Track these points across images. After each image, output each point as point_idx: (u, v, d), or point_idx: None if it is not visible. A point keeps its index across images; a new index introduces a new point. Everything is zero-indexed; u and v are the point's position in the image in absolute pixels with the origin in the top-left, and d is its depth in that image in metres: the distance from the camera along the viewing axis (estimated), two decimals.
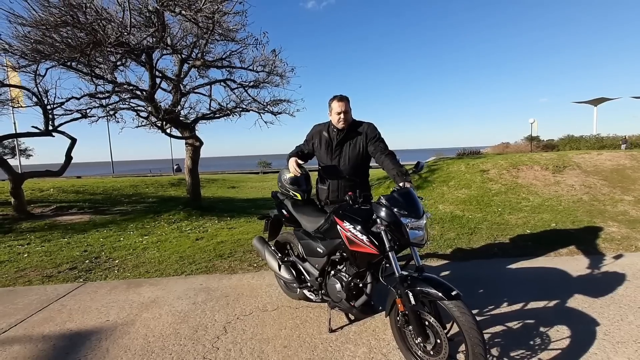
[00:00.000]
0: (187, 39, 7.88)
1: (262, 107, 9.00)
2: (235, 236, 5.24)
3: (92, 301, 3.11)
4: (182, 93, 8.23)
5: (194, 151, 8.46)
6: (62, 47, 5.11)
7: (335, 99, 2.61)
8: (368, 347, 2.26)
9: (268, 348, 2.29)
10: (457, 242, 4.37)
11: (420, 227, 1.93)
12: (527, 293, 2.93)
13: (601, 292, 2.87)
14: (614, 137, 20.30)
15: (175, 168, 35.59)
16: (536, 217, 5.17)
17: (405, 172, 2.28)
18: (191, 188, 8.61)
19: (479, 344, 1.65)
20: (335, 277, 2.32)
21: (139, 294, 3.25)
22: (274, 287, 3.27)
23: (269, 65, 8.47)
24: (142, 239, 5.36)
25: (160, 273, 3.82)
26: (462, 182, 7.00)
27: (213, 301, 3.03)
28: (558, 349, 2.15)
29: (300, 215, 2.67)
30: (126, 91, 7.16)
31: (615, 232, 4.38)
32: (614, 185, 6.15)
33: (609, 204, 5.45)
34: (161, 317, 2.77)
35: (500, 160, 7.84)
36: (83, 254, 4.61)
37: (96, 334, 2.53)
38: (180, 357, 2.22)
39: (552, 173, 6.86)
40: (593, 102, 30.66)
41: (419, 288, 1.82)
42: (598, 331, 2.32)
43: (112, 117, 8.17)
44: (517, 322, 2.49)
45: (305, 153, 2.83)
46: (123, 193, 10.96)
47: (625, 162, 7.02)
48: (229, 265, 3.95)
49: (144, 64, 7.08)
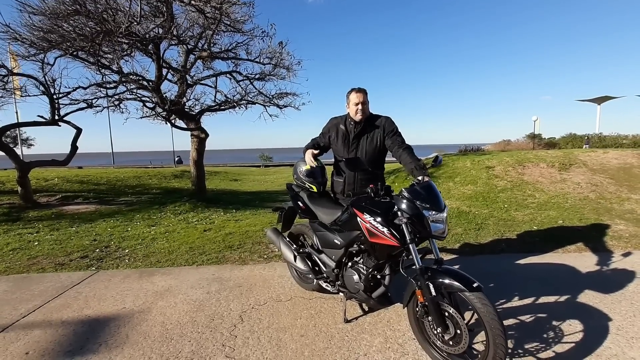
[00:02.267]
0: (194, 30, 7.85)
1: (267, 100, 8.98)
2: (243, 228, 5.27)
3: (107, 289, 3.15)
4: (188, 84, 8.20)
5: (199, 143, 8.46)
6: (73, 36, 5.08)
7: (354, 91, 2.62)
8: (384, 337, 2.29)
9: (285, 337, 2.32)
10: (465, 238, 4.40)
11: (441, 220, 1.95)
12: (537, 288, 2.96)
13: (611, 288, 2.91)
14: (617, 136, 20.29)
15: (177, 160, 35.57)
16: (543, 214, 5.19)
17: (424, 166, 2.29)
18: (196, 180, 8.63)
19: (501, 335, 1.68)
20: (352, 269, 2.35)
21: (153, 283, 3.28)
22: (285, 278, 3.30)
23: (276, 58, 8.44)
24: (149, 230, 5.39)
25: (172, 263, 3.85)
26: (467, 178, 7.02)
27: (227, 291, 3.06)
28: (572, 342, 2.19)
29: (316, 207, 2.69)
30: (133, 81, 7.14)
31: (623, 230, 4.41)
32: (620, 184, 6.17)
33: (615, 202, 5.48)
34: (177, 306, 2.80)
35: (505, 157, 7.85)
36: (93, 243, 4.64)
37: (114, 320, 2.57)
38: (199, 344, 2.26)
39: (558, 171, 6.88)
40: (597, 100, 30.55)
41: (440, 280, 1.85)
42: (611, 326, 2.35)
43: (117, 107, 8.16)
44: (529, 316, 2.53)
45: (321, 146, 2.84)
46: (127, 184, 10.98)
47: (633, 161, 7.04)
48: (239, 256, 3.98)
49: (151, 54, 7.05)
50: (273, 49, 8.21)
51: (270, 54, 8.32)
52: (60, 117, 7.18)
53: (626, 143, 18.35)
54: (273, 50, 8.25)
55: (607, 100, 30.51)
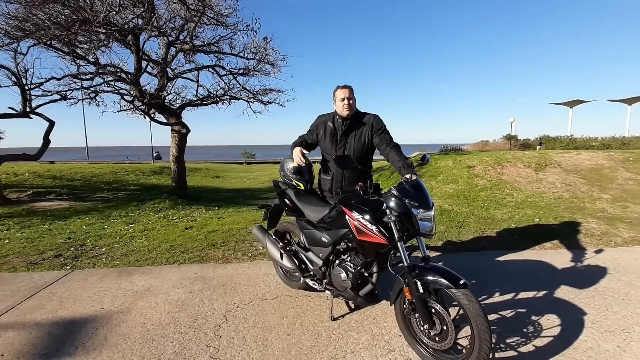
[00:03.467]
0: (175, 22, 7.61)
1: (251, 96, 8.85)
2: (226, 226, 5.18)
3: (83, 289, 3.01)
4: (169, 77, 7.96)
5: (180, 138, 8.24)
6: (48, 24, 4.82)
7: (339, 87, 2.60)
8: (370, 335, 2.30)
9: (271, 336, 2.29)
10: (447, 235, 4.49)
11: (429, 218, 1.96)
12: (516, 284, 3.05)
13: (586, 284, 3.03)
14: (587, 138, 21.29)
15: (155, 155, 34.63)
16: (520, 212, 5.37)
17: (411, 165, 2.30)
18: (176, 176, 8.41)
19: (486, 330, 1.71)
20: (340, 267, 2.34)
21: (132, 283, 3.17)
22: (271, 276, 3.26)
23: (260, 53, 8.31)
24: (127, 227, 5.21)
25: (152, 262, 3.73)
26: (449, 177, 7.17)
27: (210, 290, 2.99)
28: (550, 336, 2.27)
29: (303, 204, 2.66)
30: (110, 73, 6.86)
31: (594, 228, 4.62)
32: (592, 184, 6.47)
33: (588, 202, 5.74)
34: (158, 306, 2.72)
35: (485, 157, 8.07)
36: (67, 241, 4.43)
37: (91, 321, 2.46)
38: (182, 345, 2.19)
39: (534, 171, 7.14)
40: (569, 103, 31.94)
41: (427, 277, 1.87)
42: (586, 320, 2.45)
43: (93, 99, 7.82)
44: (509, 311, 2.60)
45: (309, 143, 2.81)
46: (103, 180, 10.59)
47: (603, 162, 7.39)
48: (222, 255, 3.90)
49: (130, 45, 6.79)
50: (257, 44, 8.09)
51: (255, 49, 8.19)
52: (32, 109, 6.82)
53: (595, 145, 19.28)
54: (257, 45, 8.13)
55: (579, 103, 31.95)
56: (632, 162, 7.46)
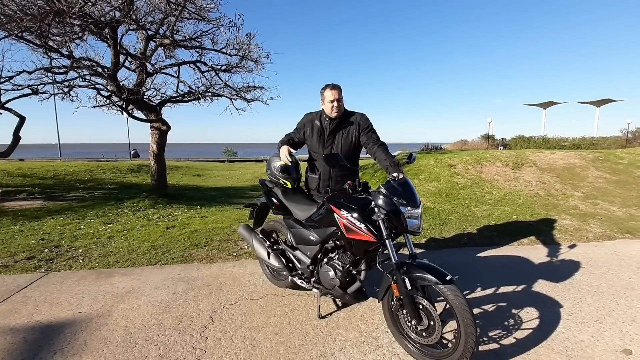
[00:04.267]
0: (155, 15, 7.38)
1: (234, 93, 8.71)
2: (210, 225, 5.09)
3: (59, 292, 2.89)
4: (148, 73, 7.72)
5: (160, 135, 8.01)
6: (19, 15, 4.55)
7: (328, 87, 2.59)
8: (358, 332, 2.32)
9: (259, 335, 2.27)
10: (431, 233, 4.58)
11: (417, 216, 2.00)
12: (497, 279, 3.15)
13: (561, 278, 3.17)
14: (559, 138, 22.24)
15: (133, 153, 33.57)
16: (499, 209, 5.55)
17: (398, 163, 2.33)
18: (156, 175, 8.18)
19: (471, 324, 1.76)
20: (328, 265, 2.34)
21: (112, 285, 3.06)
22: (257, 275, 3.23)
23: (243, 50, 8.18)
24: (105, 227, 5.03)
25: (132, 263, 3.62)
26: (432, 176, 7.32)
27: (195, 291, 2.94)
28: (530, 329, 2.36)
29: (291, 203, 2.65)
30: (86, 67, 6.57)
31: (568, 224, 4.83)
32: (565, 182, 6.76)
33: (561, 199, 5.99)
34: (140, 308, 2.64)
35: (466, 156, 8.28)
36: (40, 242, 4.23)
37: (69, 326, 2.36)
38: (167, 347, 2.14)
39: (511, 169, 7.39)
40: (543, 105, 33.23)
41: (415, 274, 1.90)
42: (562, 312, 2.56)
43: (66, 94, 7.48)
44: (491, 305, 2.69)
45: (295, 141, 2.80)
46: (77, 178, 10.18)
47: (575, 161, 7.73)
48: (206, 255, 3.83)
49: (107, 39, 6.54)
50: (241, 40, 7.96)
51: (238, 45, 8.06)
52: (1, 104, 6.46)
53: (567, 145, 20.17)
54: (241, 41, 7.99)
55: (552, 105, 33.30)
56: (601, 161, 7.85)
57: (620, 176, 7.08)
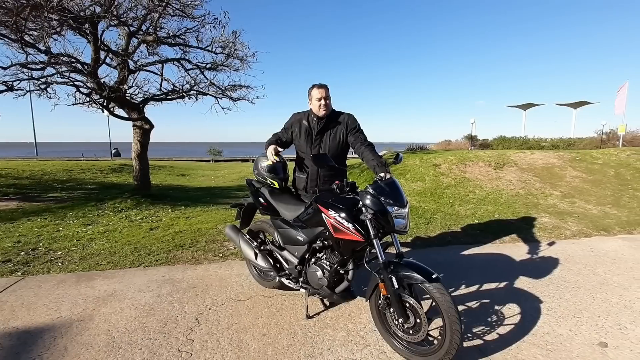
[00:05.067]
0: (137, 11, 7.19)
1: (220, 92, 8.59)
2: (195, 226, 5.00)
3: (37, 297, 2.78)
4: (130, 70, 7.53)
5: (143, 134, 7.82)
6: None
7: (315, 87, 2.60)
8: (346, 331, 2.34)
9: (247, 337, 2.26)
10: (416, 231, 4.65)
11: (404, 216, 2.02)
12: (480, 276, 3.23)
13: (541, 274, 3.28)
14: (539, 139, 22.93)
15: (114, 152, 32.70)
16: (482, 208, 5.68)
17: (385, 163, 2.35)
18: (139, 174, 7.98)
19: (457, 321, 1.80)
20: (316, 265, 2.34)
21: (93, 288, 2.97)
22: (243, 276, 3.20)
23: (229, 48, 8.08)
24: (86, 229, 4.87)
25: (114, 265, 3.53)
26: (417, 175, 7.43)
27: (180, 293, 2.88)
28: (512, 324, 2.43)
29: (278, 203, 2.64)
30: (64, 63, 6.35)
31: (547, 222, 4.99)
32: (544, 182, 6.98)
33: (541, 198, 6.19)
34: (123, 311, 2.57)
35: (450, 156, 8.44)
36: (16, 245, 4.07)
37: (49, 331, 2.28)
38: (152, 351, 2.10)
39: (494, 169, 7.57)
40: (523, 106, 34.21)
41: (402, 273, 1.93)
42: (542, 308, 2.65)
43: (43, 91, 7.21)
44: (474, 302, 2.75)
45: (283, 141, 2.79)
46: (55, 178, 9.83)
47: (554, 162, 7.99)
48: (192, 256, 3.77)
49: (87, 34, 6.33)
50: (226, 38, 7.85)
51: (224, 43, 7.95)
52: None
53: (545, 146, 20.82)
54: (226, 39, 7.88)
55: (532, 106, 34.31)
56: (578, 161, 8.14)
57: (595, 176, 7.37)
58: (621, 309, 2.63)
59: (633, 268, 3.44)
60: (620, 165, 7.98)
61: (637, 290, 2.94)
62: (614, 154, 8.77)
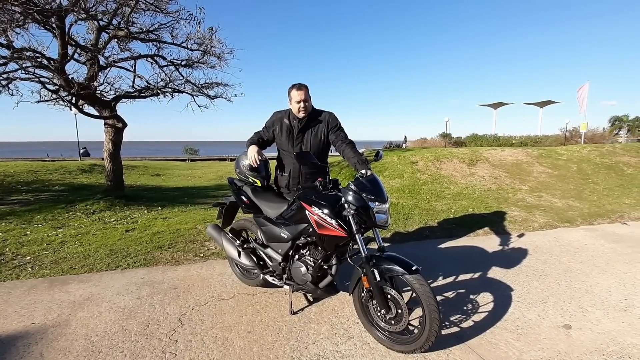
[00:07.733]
0: (107, 5, 6.91)
1: (196, 89, 8.41)
2: (173, 226, 4.90)
3: (7, 303, 2.65)
4: (101, 66, 7.23)
5: (115, 133, 7.53)
6: None
7: (294, 88, 2.61)
8: (330, 325, 2.39)
9: (231, 335, 2.26)
10: (395, 227, 4.78)
11: (385, 211, 2.10)
12: (456, 268, 3.38)
13: (511, 264, 3.47)
14: (508, 137, 23.96)
15: (83, 152, 31.18)
16: (457, 203, 5.91)
17: (366, 160, 2.42)
18: (112, 175, 7.68)
19: (435, 310, 1.89)
20: (299, 261, 2.38)
21: (68, 292, 2.87)
22: (226, 275, 3.19)
23: (205, 44, 7.92)
24: (56, 232, 4.66)
25: (89, 268, 3.41)
26: (395, 173, 7.60)
27: (161, 294, 2.84)
28: (486, 312, 2.57)
29: (261, 201, 2.65)
30: (29, 59, 6.01)
31: (517, 215, 5.26)
32: (514, 177, 7.34)
33: (511, 192, 6.51)
34: (102, 315, 2.51)
35: (426, 154, 8.69)
36: None
37: (22, 338, 2.19)
38: (134, 353, 2.06)
39: (467, 166, 7.87)
40: (493, 105, 35.57)
41: (384, 266, 2.00)
42: (513, 295, 2.82)
43: (5, 88, 6.79)
44: (451, 292, 2.89)
45: (265, 140, 2.79)
46: (19, 180, 9.29)
47: (522, 158, 8.41)
48: (171, 257, 3.70)
49: (53, 28, 6.03)
50: (202, 35, 7.68)
51: (199, 39, 7.77)
52: None
53: (515, 143, 21.80)
54: (202, 35, 7.71)
55: (502, 105, 35.72)
56: (544, 157, 8.61)
57: (560, 171, 7.82)
58: (583, 294, 2.84)
59: (594, 256, 3.71)
60: (582, 160, 8.52)
61: (597, 277, 3.18)
62: (576, 151, 9.34)
